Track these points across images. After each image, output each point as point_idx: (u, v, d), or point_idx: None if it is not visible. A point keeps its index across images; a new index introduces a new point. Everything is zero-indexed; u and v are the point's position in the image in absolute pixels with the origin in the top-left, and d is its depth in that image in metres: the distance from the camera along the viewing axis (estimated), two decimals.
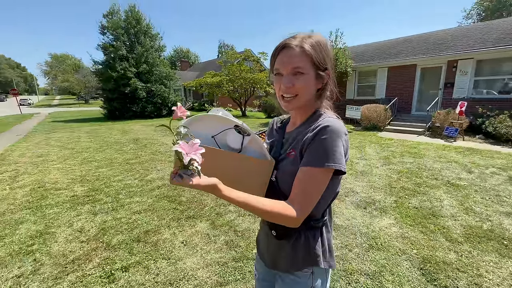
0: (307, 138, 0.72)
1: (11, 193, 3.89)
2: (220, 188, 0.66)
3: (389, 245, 2.37)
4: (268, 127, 1.04)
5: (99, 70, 16.23)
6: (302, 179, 0.70)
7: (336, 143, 0.68)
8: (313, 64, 0.72)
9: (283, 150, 0.84)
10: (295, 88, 0.73)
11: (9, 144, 7.89)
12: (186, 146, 0.61)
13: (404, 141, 7.25)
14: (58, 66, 61.58)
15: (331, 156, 0.67)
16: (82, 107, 33.81)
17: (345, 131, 0.72)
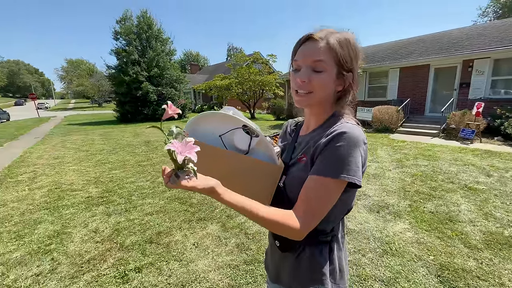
0: (320, 143, 0.66)
1: (30, 194, 4.04)
2: (219, 191, 0.61)
3: (404, 250, 2.30)
4: (282, 129, 0.99)
5: (112, 74, 16.69)
6: (310, 188, 0.64)
7: (352, 152, 0.61)
8: (336, 61, 0.66)
9: (294, 155, 0.78)
10: (311, 84, 0.66)
11: (28, 146, 8.22)
12: (180, 145, 0.57)
13: (418, 143, 7.06)
14: (74, 71, 63.82)
15: (346, 166, 0.60)
16: (96, 110, 34.85)
17: (364, 139, 0.64)
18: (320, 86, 0.67)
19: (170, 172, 0.59)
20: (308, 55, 0.66)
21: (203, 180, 0.60)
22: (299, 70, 0.69)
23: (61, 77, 68.99)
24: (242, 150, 0.78)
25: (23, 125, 15.88)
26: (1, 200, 3.78)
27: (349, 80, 0.69)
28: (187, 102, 18.48)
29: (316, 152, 0.66)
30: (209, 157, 0.74)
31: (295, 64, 0.70)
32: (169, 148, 0.55)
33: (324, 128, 0.71)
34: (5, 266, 2.26)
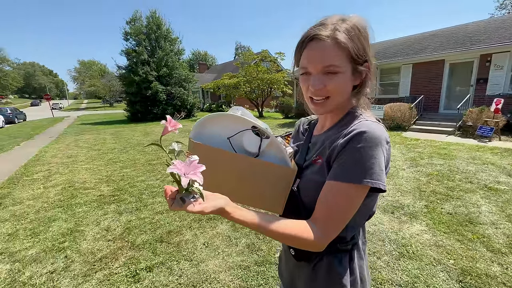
0: (337, 144, 0.60)
1: (44, 192, 4.14)
2: (229, 210, 0.56)
3: (422, 253, 2.21)
4: (294, 128, 0.93)
5: (123, 75, 16.99)
6: (329, 195, 0.59)
7: (374, 153, 0.55)
8: (350, 58, 0.60)
9: (308, 156, 0.73)
10: (326, 90, 0.61)
11: (43, 145, 8.46)
12: (183, 166, 0.51)
13: (432, 141, 6.83)
14: (86, 71, 65.47)
15: (368, 170, 0.55)
16: (107, 110, 35.62)
17: (386, 137, 0.58)
18: (337, 90, 0.62)
19: (174, 194, 0.54)
20: (318, 61, 0.60)
21: (211, 201, 0.55)
22: (309, 74, 0.63)
23: (74, 78, 70.93)
24: (252, 153, 0.74)
25: (39, 125, 16.39)
26: (18, 198, 3.89)
27: (366, 72, 0.64)
28: (196, 102, 18.57)
29: (333, 155, 0.61)
30: (218, 161, 0.71)
31: (303, 70, 0.64)
32: (171, 171, 0.50)
33: (340, 126, 0.65)
34: (21, 263, 2.31)
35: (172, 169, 0.50)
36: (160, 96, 16.19)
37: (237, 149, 0.74)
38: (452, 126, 7.95)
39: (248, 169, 0.72)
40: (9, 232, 2.88)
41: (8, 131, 13.38)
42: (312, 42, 0.60)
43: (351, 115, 0.66)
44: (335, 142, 0.62)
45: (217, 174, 0.73)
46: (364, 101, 0.69)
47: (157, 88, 16.02)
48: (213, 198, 0.56)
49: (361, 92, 0.67)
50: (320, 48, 0.59)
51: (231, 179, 0.74)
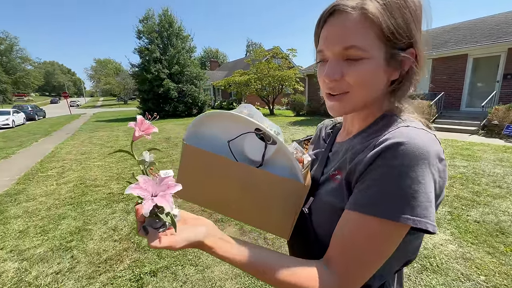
0: (362, 159, 0.44)
1: (57, 188, 4.20)
2: (210, 244, 0.44)
3: (448, 267, 2.01)
4: (315, 132, 0.77)
5: (136, 73, 17.27)
6: (347, 231, 0.43)
7: (418, 175, 0.38)
8: (383, 38, 0.43)
9: (327, 169, 0.58)
10: (344, 81, 0.46)
11: (59, 142, 8.70)
12: (150, 184, 0.40)
13: (454, 141, 6.43)
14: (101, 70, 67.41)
15: (407, 201, 0.38)
16: (121, 107, 36.54)
17: (439, 153, 0.41)
18: (359, 82, 0.45)
19: (143, 218, 0.42)
20: (335, 40, 0.45)
21: (186, 233, 0.42)
22: (325, 61, 0.48)
23: (90, 76, 73.26)
24: (254, 161, 0.60)
25: (57, 121, 16.99)
26: (32, 194, 3.96)
27: (410, 61, 0.46)
28: (207, 99, 18.61)
29: (355, 172, 0.45)
30: (214, 169, 0.60)
31: (319, 55, 0.50)
32: (130, 192, 0.38)
33: (370, 134, 0.50)
34: (28, 262, 2.30)
35: (131, 190, 0.38)
36: (171, 93, 16.33)
37: (238, 155, 0.61)
38: (476, 125, 7.46)
39: (248, 181, 0.59)
40: (21, 229, 2.91)
41: (28, 128, 13.93)
42: (332, 17, 0.46)
43: (387, 119, 0.49)
44: (359, 154, 0.46)
45: (213, 184, 0.62)
46: (409, 103, 0.51)
47: (168, 85, 16.17)
48: (190, 228, 0.44)
49: (400, 90, 0.49)
50: (340, 24, 0.44)
51: (230, 191, 0.62)
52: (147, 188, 0.39)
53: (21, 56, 65.87)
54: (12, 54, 63.47)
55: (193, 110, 17.58)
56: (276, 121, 12.39)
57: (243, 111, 0.63)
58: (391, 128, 0.45)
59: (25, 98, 57.81)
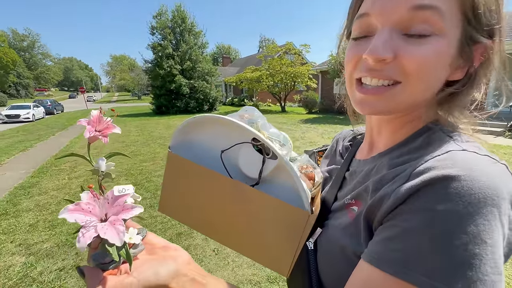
0: (392, 191, 0.31)
1: (68, 182, 4.28)
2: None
3: None
4: (331, 144, 0.63)
5: (149, 68, 17.50)
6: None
7: (480, 229, 0.25)
8: (467, 10, 0.31)
9: (342, 193, 0.47)
10: (399, 65, 0.32)
11: (74, 136, 8.95)
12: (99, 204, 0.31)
13: None
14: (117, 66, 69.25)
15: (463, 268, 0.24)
16: (135, 103, 37.38)
17: (511, 194, 0.27)
18: (423, 69, 0.32)
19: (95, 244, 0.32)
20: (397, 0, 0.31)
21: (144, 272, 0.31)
22: (369, 37, 0.35)
23: (106, 72, 75.41)
24: (249, 178, 0.49)
25: (73, 116, 17.57)
26: (44, 188, 4.05)
27: (484, 55, 0.33)
28: (218, 95, 18.63)
29: (381, 210, 0.32)
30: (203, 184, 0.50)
31: (359, 23, 0.36)
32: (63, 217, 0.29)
33: (403, 153, 0.36)
34: (35, 257, 2.32)
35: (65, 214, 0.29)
36: (183, 89, 16.44)
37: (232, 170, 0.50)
38: (502, 126, 6.98)
39: (241, 201, 0.48)
40: (31, 223, 2.95)
41: (47, 122, 14.48)
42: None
43: (430, 135, 0.35)
44: (387, 184, 0.33)
45: (200, 201, 0.52)
46: (463, 114, 0.36)
47: (180, 81, 16.28)
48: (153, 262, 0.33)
49: (461, 96, 0.35)
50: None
51: (219, 212, 0.51)
52: (91, 210, 0.30)
53: (42, 52, 68.80)
54: (34, 50, 66.38)
55: (204, 106, 17.64)
56: (288, 118, 12.21)
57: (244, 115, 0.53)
58: (436, 149, 0.31)
59: (46, 93, 60.43)
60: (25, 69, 53.00)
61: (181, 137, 0.53)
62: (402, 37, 0.32)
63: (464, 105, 0.36)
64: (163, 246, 0.37)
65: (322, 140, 6.82)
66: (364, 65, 0.35)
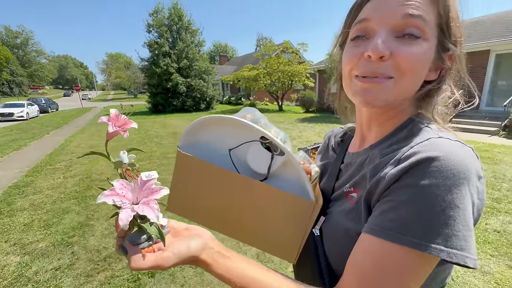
0: (385, 175, 0.37)
1: (63, 182, 4.23)
2: (206, 260, 0.37)
3: (464, 281, 1.85)
4: (323, 141, 0.69)
5: (145, 67, 17.36)
6: (369, 260, 0.36)
7: (455, 197, 0.32)
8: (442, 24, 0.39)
9: (339, 183, 0.52)
10: (394, 62, 0.38)
11: (69, 135, 8.85)
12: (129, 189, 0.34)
13: (472, 142, 6.11)
14: (112, 64, 68.55)
15: (442, 228, 0.31)
16: (131, 101, 37.06)
17: (478, 170, 0.34)
18: (414, 67, 0.38)
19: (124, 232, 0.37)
20: (393, 8, 0.38)
21: (177, 247, 0.36)
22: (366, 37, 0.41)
23: (101, 70, 74.61)
24: (258, 174, 0.53)
25: (68, 114, 17.36)
26: (39, 187, 4.00)
27: (452, 60, 0.42)
28: (215, 94, 18.55)
29: (377, 190, 0.38)
30: (212, 181, 0.54)
31: (359, 27, 0.41)
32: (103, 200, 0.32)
33: (392, 143, 0.42)
34: (30, 256, 2.30)
35: (104, 198, 0.32)
36: (180, 88, 16.34)
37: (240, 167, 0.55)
38: (496, 126, 7.07)
39: (251, 196, 0.52)
40: (25, 222, 2.92)
41: (41, 120, 14.29)
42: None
43: (413, 127, 0.42)
44: (381, 169, 0.39)
45: (210, 198, 0.55)
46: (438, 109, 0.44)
47: (177, 80, 16.18)
48: (181, 240, 0.37)
49: (437, 93, 0.42)
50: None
51: (229, 207, 0.55)
52: (125, 195, 0.33)
53: (36, 50, 67.73)
54: (28, 48, 65.31)
55: (201, 105, 17.57)
56: (285, 117, 12.22)
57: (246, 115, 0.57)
58: (419, 138, 0.39)
59: (40, 91, 59.59)
60: (19, 66, 52.13)
61: (190, 138, 0.56)
62: (396, 39, 0.38)
63: (437, 101, 0.43)
64: (185, 228, 0.42)
65: (319, 139, 6.85)
66: (363, 63, 0.40)
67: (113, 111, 0.41)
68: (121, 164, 0.39)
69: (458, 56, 0.42)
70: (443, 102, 0.43)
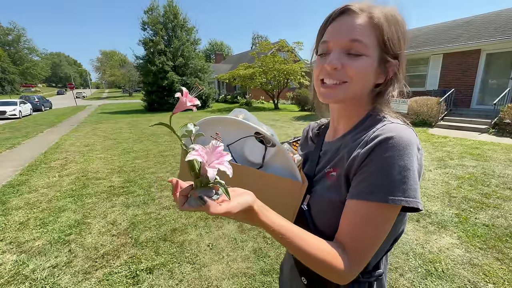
0: (357, 155, 0.50)
1: (59, 180, 4.20)
2: (256, 210, 0.46)
3: (454, 273, 1.92)
4: (302, 134, 0.82)
5: (140, 65, 17.19)
6: (356, 218, 0.49)
7: (406, 163, 0.45)
8: (381, 43, 0.51)
9: (319, 167, 0.63)
10: (344, 71, 0.51)
11: (64, 133, 8.75)
12: (205, 152, 0.40)
13: (463, 139, 6.24)
14: (107, 61, 67.56)
15: (400, 185, 0.45)
16: (126, 99, 36.69)
17: (418, 144, 0.49)
18: (359, 75, 0.52)
19: (188, 190, 0.43)
20: (343, 34, 0.51)
21: (237, 198, 0.44)
22: (327, 54, 0.54)
23: (96, 68, 73.50)
24: (254, 163, 0.66)
25: (62, 113, 17.12)
26: (34, 186, 3.97)
27: (394, 69, 0.54)
28: (211, 92, 18.49)
29: (353, 167, 0.51)
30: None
31: (322, 47, 0.55)
32: (192, 158, 0.38)
33: (359, 131, 0.56)
34: (27, 255, 2.30)
35: (193, 156, 0.38)
36: (175, 86, 16.24)
37: (238, 158, 0.67)
38: (486, 124, 7.23)
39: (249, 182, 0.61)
40: (21, 221, 2.91)
41: (35, 119, 14.07)
42: (342, 15, 0.53)
43: (372, 118, 0.56)
44: (354, 151, 0.52)
45: None
46: (388, 106, 0.58)
47: (173, 78, 16.08)
48: (238, 193, 0.46)
49: (383, 95, 0.56)
50: (349, 21, 0.51)
51: None
52: (203, 156, 0.39)
53: (28, 47, 66.37)
54: (20, 45, 63.94)
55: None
56: (280, 115, 12.26)
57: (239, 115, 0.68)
58: (378, 125, 0.52)
59: (33, 89, 58.46)
60: (10, 64, 51.02)
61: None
62: (346, 55, 0.52)
63: (387, 98, 0.56)
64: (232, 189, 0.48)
65: None
66: (324, 71, 0.54)
67: (184, 89, 0.48)
68: (191, 133, 0.44)
69: (396, 65, 0.54)
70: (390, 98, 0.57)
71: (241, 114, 0.69)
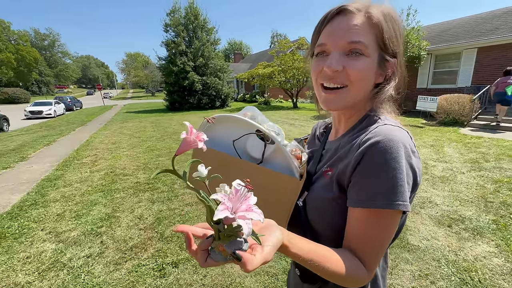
0: (353, 157, 0.50)
1: (90, 175, 4.48)
2: (286, 244, 0.43)
3: (492, 283, 1.79)
4: (311, 132, 0.83)
5: (163, 65, 17.79)
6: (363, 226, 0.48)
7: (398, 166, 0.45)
8: (380, 42, 0.51)
9: (320, 165, 0.64)
10: (346, 74, 0.50)
11: (93, 132, 9.31)
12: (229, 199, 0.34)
13: (500, 140, 5.77)
14: (131, 63, 70.75)
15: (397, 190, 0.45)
16: (149, 99, 38.20)
17: (410, 145, 0.48)
18: (360, 77, 0.51)
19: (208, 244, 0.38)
20: (341, 35, 0.50)
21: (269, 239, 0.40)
22: (326, 54, 0.53)
23: (121, 69, 77.25)
24: (255, 159, 0.71)
25: (92, 112, 18.22)
26: (68, 180, 4.27)
27: (393, 68, 0.54)
28: (230, 92, 18.69)
29: (347, 170, 0.50)
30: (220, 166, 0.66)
31: (319, 48, 0.54)
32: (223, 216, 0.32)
33: (356, 132, 0.56)
34: (64, 244, 2.48)
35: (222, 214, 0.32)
36: (196, 86, 16.63)
37: (241, 154, 0.73)
38: None
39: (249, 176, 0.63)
40: (58, 213, 3.14)
41: (67, 118, 15.11)
42: (338, 16, 0.51)
43: (369, 119, 0.56)
44: (348, 153, 0.53)
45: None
46: (389, 105, 0.58)
47: (193, 78, 16.46)
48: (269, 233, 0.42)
49: (383, 93, 0.55)
50: (347, 22, 0.50)
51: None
52: (230, 207, 0.34)
53: (62, 51, 71.30)
54: (54, 49, 68.89)
55: (216, 103, 17.78)
56: (300, 114, 12.11)
57: (247, 113, 0.73)
58: (371, 127, 0.51)
59: (65, 90, 62.82)
60: (46, 67, 55.23)
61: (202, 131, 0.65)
62: (346, 57, 0.50)
63: (385, 98, 0.56)
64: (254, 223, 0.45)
65: None
66: (324, 75, 0.53)
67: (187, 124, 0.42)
68: (204, 178, 0.40)
69: (396, 64, 0.54)
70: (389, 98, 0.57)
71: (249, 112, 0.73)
